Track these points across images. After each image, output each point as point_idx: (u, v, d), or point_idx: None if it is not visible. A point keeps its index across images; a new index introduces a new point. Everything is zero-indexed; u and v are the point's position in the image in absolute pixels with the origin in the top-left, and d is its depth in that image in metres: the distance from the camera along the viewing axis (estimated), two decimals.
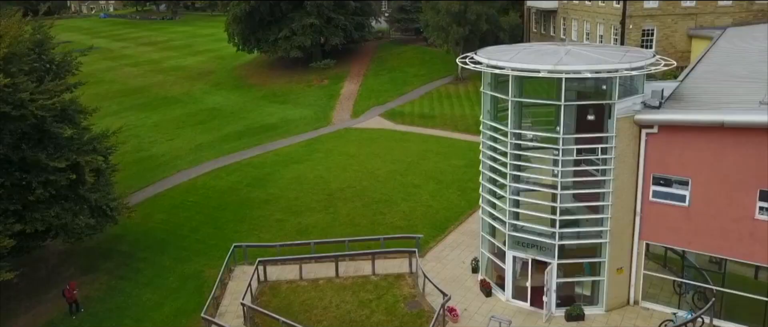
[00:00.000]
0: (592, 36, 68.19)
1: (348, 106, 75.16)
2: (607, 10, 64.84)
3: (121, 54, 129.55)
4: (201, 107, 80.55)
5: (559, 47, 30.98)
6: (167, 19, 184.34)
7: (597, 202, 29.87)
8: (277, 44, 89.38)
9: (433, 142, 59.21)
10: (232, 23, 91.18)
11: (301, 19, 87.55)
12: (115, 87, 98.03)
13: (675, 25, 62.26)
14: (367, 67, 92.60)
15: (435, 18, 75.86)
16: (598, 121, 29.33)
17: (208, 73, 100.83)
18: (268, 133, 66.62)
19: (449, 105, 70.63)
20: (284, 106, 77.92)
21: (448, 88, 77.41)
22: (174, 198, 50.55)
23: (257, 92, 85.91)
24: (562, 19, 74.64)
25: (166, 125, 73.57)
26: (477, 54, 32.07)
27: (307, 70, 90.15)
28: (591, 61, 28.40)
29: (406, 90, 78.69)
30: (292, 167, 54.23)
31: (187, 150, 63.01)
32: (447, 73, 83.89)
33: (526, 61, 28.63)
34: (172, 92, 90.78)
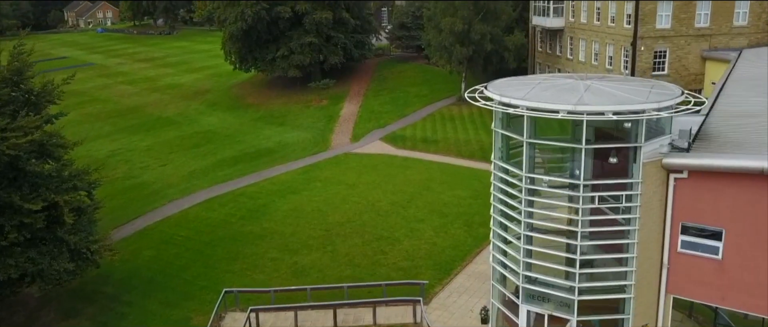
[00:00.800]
0: (601, 57, 65.66)
1: (348, 128, 72.58)
2: (616, 31, 62.32)
3: (116, 71, 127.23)
4: (196, 129, 77.97)
5: (577, 81, 28.35)
6: (165, 34, 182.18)
7: (620, 254, 27.17)
8: (275, 63, 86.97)
9: (436, 169, 56.55)
10: (228, 41, 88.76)
11: (300, 38, 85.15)
12: (108, 106, 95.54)
13: (688, 47, 59.73)
14: (367, 86, 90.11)
15: (437, 38, 73.35)
16: (622, 165, 26.71)
17: (205, 92, 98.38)
18: (264, 158, 64.02)
19: (453, 128, 68.01)
20: (282, 128, 75.38)
21: (451, 109, 74.83)
22: (164, 232, 47.85)
23: (254, 113, 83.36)
24: (569, 38, 72.13)
25: (159, 149, 71.02)
26: (487, 88, 29.47)
27: (306, 90, 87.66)
28: (614, 99, 25.77)
29: (407, 111, 76.10)
30: (289, 198, 51.53)
31: (180, 177, 60.39)
32: (450, 93, 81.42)
33: (543, 99, 26.02)
34: (166, 112, 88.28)
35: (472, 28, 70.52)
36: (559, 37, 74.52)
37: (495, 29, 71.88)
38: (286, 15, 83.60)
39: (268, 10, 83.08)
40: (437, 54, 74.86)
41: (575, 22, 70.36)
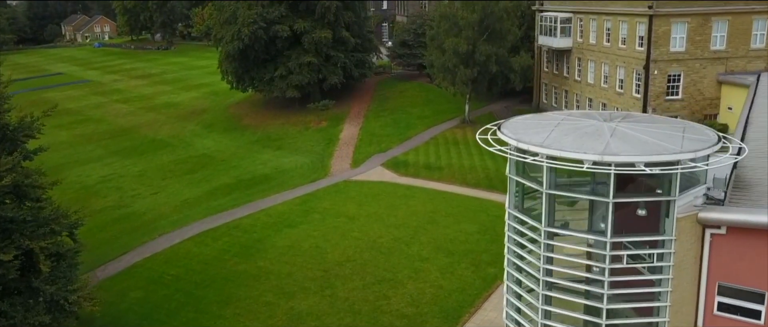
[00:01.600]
0: (611, 79, 63.10)
1: (347, 153, 69.91)
2: (628, 53, 59.81)
3: (112, 88, 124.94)
4: (190, 153, 75.36)
5: (601, 123, 25.70)
6: (162, 49, 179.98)
7: (650, 318, 24.44)
8: (273, 83, 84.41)
9: (440, 199, 53.82)
10: (224, 61, 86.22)
11: (298, 58, 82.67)
12: (102, 127, 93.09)
13: (703, 71, 57.19)
14: (368, 106, 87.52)
15: (440, 58, 70.77)
16: (652, 219, 24.04)
17: (201, 112, 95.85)
18: (260, 186, 61.34)
19: (457, 153, 65.34)
20: (279, 152, 72.73)
21: (455, 132, 72.17)
22: (153, 270, 45.07)
23: (251, 135, 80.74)
24: (577, 59, 69.63)
25: (152, 175, 68.42)
26: (501, 129, 26.81)
27: (305, 111, 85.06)
28: (645, 147, 23.07)
29: (409, 134, 73.45)
30: (286, 233, 48.80)
31: (172, 207, 57.71)
32: (453, 114, 78.85)
33: (565, 146, 23.33)
34: (161, 134, 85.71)
35: (476, 49, 67.98)
36: (566, 57, 72.06)
37: (500, 50, 69.32)
38: (284, 34, 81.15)
39: (266, 30, 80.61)
40: (440, 75, 72.24)
41: (583, 43, 67.90)
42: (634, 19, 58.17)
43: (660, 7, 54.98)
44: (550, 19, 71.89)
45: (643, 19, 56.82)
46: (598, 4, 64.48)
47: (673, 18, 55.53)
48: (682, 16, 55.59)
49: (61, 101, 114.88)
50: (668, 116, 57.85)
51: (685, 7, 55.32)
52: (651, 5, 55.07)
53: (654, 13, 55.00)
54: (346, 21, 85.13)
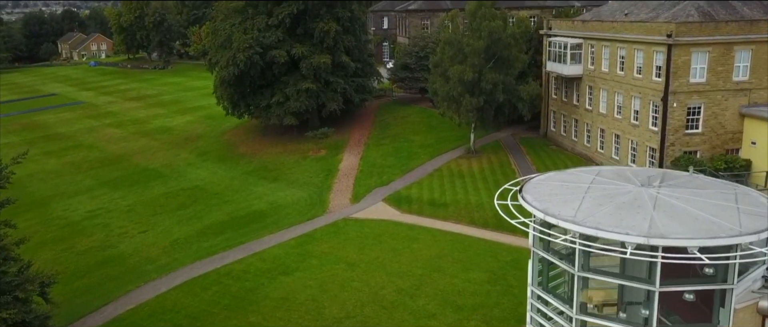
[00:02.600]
0: (626, 110, 59.70)
1: (347, 186, 66.45)
2: (644, 84, 56.44)
3: (105, 111, 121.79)
4: (183, 185, 71.95)
5: (639, 189, 22.27)
6: (159, 68, 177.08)
7: None
8: (270, 110, 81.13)
9: (446, 242, 50.31)
10: (219, 87, 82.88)
11: (296, 84, 79.39)
12: (93, 154, 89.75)
13: (725, 103, 53.79)
14: (369, 133, 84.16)
15: (445, 86, 67.38)
16: (702, 305, 20.59)
17: (196, 138, 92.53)
18: (255, 224, 57.84)
19: (463, 187, 61.85)
20: (275, 184, 69.28)
21: (460, 163, 68.69)
22: (136, 325, 41.45)
23: (247, 165, 77.31)
24: (588, 87, 66.28)
25: (142, 210, 64.95)
26: (522, 195, 23.41)
27: (303, 139, 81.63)
28: (696, 226, 19.60)
29: (412, 165, 69.99)
30: (280, 281, 45.23)
31: (161, 248, 54.19)
32: (457, 143, 75.41)
33: (602, 223, 19.87)
34: (153, 163, 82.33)
35: (482, 77, 64.61)
36: (576, 85, 68.73)
37: (507, 77, 65.96)
38: (281, 59, 77.90)
39: (262, 55, 77.43)
40: (445, 104, 68.80)
41: (595, 70, 64.57)
42: (651, 47, 54.84)
43: (680, 36, 51.63)
44: (559, 44, 68.62)
45: (660, 48, 53.48)
46: (611, 31, 61.20)
47: (693, 47, 52.20)
48: (703, 46, 52.26)
49: (52, 125, 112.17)
50: (688, 151, 54.61)
51: (706, 36, 51.98)
52: (670, 34, 51.74)
53: (673, 42, 51.64)
54: (345, 45, 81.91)
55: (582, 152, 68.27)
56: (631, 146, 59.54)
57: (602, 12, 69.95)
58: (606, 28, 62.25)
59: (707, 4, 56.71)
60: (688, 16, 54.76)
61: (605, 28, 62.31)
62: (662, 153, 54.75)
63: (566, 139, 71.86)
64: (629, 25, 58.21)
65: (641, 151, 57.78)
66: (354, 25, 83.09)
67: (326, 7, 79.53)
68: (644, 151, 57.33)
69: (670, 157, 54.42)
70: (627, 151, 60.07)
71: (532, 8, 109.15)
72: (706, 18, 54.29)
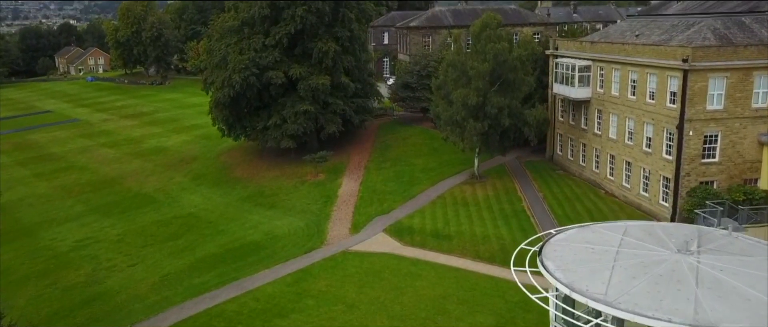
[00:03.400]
0: (638, 137, 57.04)
1: (347, 214, 63.77)
2: (657, 110, 53.80)
3: (100, 129, 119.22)
4: (176, 212, 69.26)
5: (674, 254, 19.56)
6: (156, 84, 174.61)
7: None
8: (267, 133, 78.48)
9: (451, 279, 47.60)
10: (214, 108, 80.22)
11: (294, 105, 76.73)
12: (85, 177, 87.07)
13: (743, 131, 51.16)
14: (369, 156, 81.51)
15: (448, 110, 64.81)
16: None
17: (191, 160, 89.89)
18: (249, 257, 55.07)
19: (467, 217, 59.13)
20: (272, 212, 66.56)
21: (464, 190, 66.01)
22: None
23: (242, 190, 74.60)
24: (597, 111, 63.66)
25: (132, 240, 62.28)
26: (542, 259, 20.72)
27: (301, 162, 78.96)
28: (749, 307, 16.90)
29: (414, 191, 67.31)
30: (275, 325, 42.43)
31: (150, 285, 51.44)
32: (460, 167, 72.81)
33: (637, 302, 17.18)
34: (146, 187, 79.64)
35: (487, 101, 62.01)
36: (584, 108, 66.13)
37: (513, 101, 63.39)
38: (278, 81, 75.29)
39: (259, 76, 74.82)
40: (448, 129, 66.18)
41: (604, 94, 61.98)
42: (665, 72, 52.24)
43: (697, 61, 49.03)
44: (566, 66, 66.03)
45: (675, 73, 50.91)
46: (621, 53, 58.63)
47: (710, 73, 49.62)
48: (721, 71, 49.69)
49: (45, 144, 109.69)
50: (704, 182, 51.91)
51: (724, 61, 49.41)
52: (686, 58, 49.14)
53: (690, 67, 49.05)
54: (345, 65, 79.33)
55: (590, 178, 65.61)
56: (643, 174, 56.86)
57: (611, 33, 67.45)
58: (616, 50, 59.65)
59: (723, 26, 54.24)
60: (705, 39, 52.20)
61: (615, 51, 59.70)
62: (677, 183, 52.07)
63: (573, 163, 69.21)
64: (641, 48, 55.61)
65: (654, 180, 55.09)
66: (353, 45, 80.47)
67: (325, 27, 76.94)
68: (657, 181, 54.65)
69: (686, 187, 51.75)
70: (638, 180, 57.39)
71: (535, 24, 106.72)
72: (723, 41, 51.76)
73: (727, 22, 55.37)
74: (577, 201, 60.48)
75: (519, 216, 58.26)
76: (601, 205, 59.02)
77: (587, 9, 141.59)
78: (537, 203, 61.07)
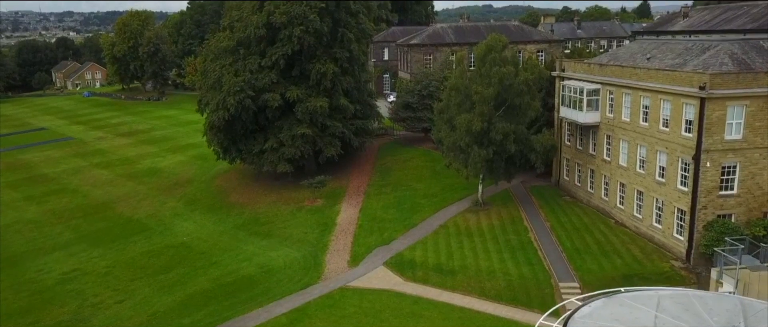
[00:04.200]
0: (650, 166, 54.36)
1: (346, 244, 61.09)
2: (671, 138, 51.15)
3: (94, 149, 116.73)
4: (168, 241, 66.66)
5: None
6: (153, 100, 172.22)
7: None
8: (263, 156, 75.79)
9: (455, 321, 45.02)
10: (209, 131, 77.59)
11: (291, 129, 74.15)
12: (76, 200, 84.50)
13: (763, 162, 48.52)
14: (369, 179, 78.92)
15: (451, 136, 62.21)
16: None
17: (185, 183, 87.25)
18: (243, 294, 52.35)
19: (471, 249, 56.40)
20: (267, 241, 63.86)
21: (467, 218, 63.32)
22: None
23: (237, 217, 71.90)
24: (606, 136, 61.02)
25: (120, 273, 59.63)
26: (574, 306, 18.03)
27: (298, 187, 76.33)
28: None
29: (415, 220, 64.63)
30: None
31: (137, 325, 48.68)
32: (464, 192, 70.17)
33: None
34: (138, 213, 77.02)
35: (492, 127, 59.39)
36: (592, 133, 63.49)
37: (519, 127, 60.80)
38: (275, 104, 72.67)
39: (254, 99, 72.25)
40: (451, 155, 63.58)
41: (614, 119, 59.35)
42: (680, 99, 49.61)
43: (714, 88, 46.41)
44: (574, 89, 63.43)
45: (691, 100, 48.29)
46: (632, 77, 56.03)
47: (729, 101, 46.99)
48: (740, 99, 47.08)
49: (37, 164, 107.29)
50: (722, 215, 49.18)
51: (743, 88, 46.78)
52: (703, 85, 46.52)
53: (707, 95, 46.43)
54: (344, 87, 76.78)
55: (599, 206, 62.92)
56: (655, 205, 54.16)
57: (620, 55, 64.89)
58: (627, 74, 57.05)
59: (741, 50, 51.66)
60: (722, 64, 49.61)
61: (626, 74, 57.10)
62: (693, 216, 49.37)
63: (581, 189, 66.54)
64: (654, 73, 52.98)
65: (668, 211, 52.36)
66: (353, 66, 77.95)
67: (323, 48, 74.45)
68: (672, 213, 51.92)
69: (702, 221, 49.04)
70: (651, 211, 54.68)
71: (539, 42, 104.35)
72: (742, 67, 49.18)
73: (745, 45, 52.76)
74: (586, 232, 57.74)
75: (526, 248, 55.52)
76: (612, 236, 56.28)
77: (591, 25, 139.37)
78: (544, 234, 58.35)
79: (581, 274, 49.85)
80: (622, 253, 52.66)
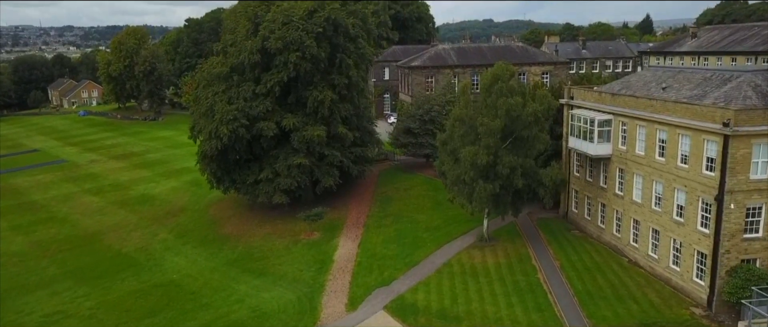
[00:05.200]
0: (666, 203, 51.00)
1: (343, 284, 57.74)
2: (691, 176, 47.85)
3: (86, 172, 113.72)
4: (157, 279, 63.38)
5: None
6: (150, 119, 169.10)
7: None
8: (258, 187, 72.55)
9: None
10: (201, 160, 74.34)
11: (287, 158, 71.01)
12: (64, 231, 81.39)
13: None
14: (368, 209, 75.73)
15: (454, 169, 58.96)
16: None
17: (178, 212, 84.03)
18: None
19: (477, 291, 53.00)
20: (261, 280, 60.51)
21: (473, 256, 60.00)
22: None
23: (230, 251, 68.60)
24: (618, 169, 57.72)
25: (105, 315, 56.43)
26: None
27: (294, 219, 73.08)
28: None
29: (417, 257, 61.31)
30: None
31: None
32: (467, 225, 67.07)
33: None
34: (127, 245, 73.84)
35: (498, 160, 56.12)
36: (603, 165, 60.22)
37: (527, 160, 57.54)
38: (270, 133, 69.48)
39: (248, 127, 69.00)
40: (455, 189, 60.31)
41: (627, 152, 56.07)
42: (701, 135, 46.36)
43: (740, 125, 43.16)
44: (584, 119, 60.18)
45: (714, 137, 45.01)
46: (647, 109, 52.75)
47: (755, 138, 43.72)
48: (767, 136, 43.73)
49: (27, 190, 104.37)
50: (746, 260, 45.81)
51: None
52: (727, 122, 43.26)
53: (732, 132, 43.16)
54: (342, 115, 73.62)
55: (610, 242, 59.61)
56: (673, 245, 50.79)
57: (633, 83, 61.65)
58: (641, 105, 53.77)
59: (765, 81, 48.41)
60: (746, 98, 46.37)
61: (641, 106, 53.82)
62: (715, 261, 45.99)
63: (591, 224, 63.24)
64: (672, 106, 49.70)
65: (687, 254, 48.99)
66: (352, 92, 74.82)
67: (321, 74, 71.32)
68: (691, 255, 48.54)
69: (725, 266, 45.68)
70: (668, 251, 51.29)
71: (544, 64, 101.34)
72: (767, 101, 45.88)
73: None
74: (598, 272, 54.36)
75: (535, 291, 52.11)
76: (626, 278, 52.86)
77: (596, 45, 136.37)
78: (554, 274, 54.97)
79: (595, 321, 46.47)
80: (637, 298, 49.24)
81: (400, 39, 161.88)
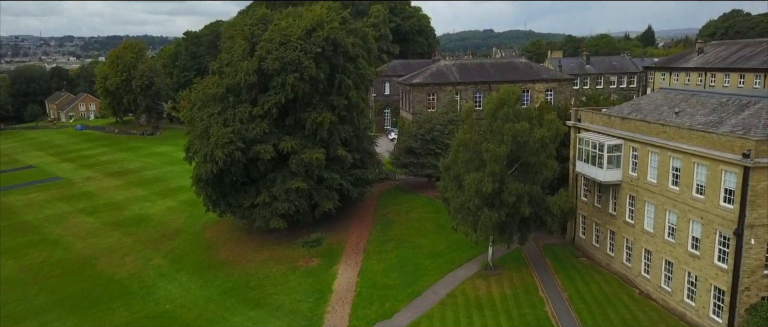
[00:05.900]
0: (681, 235, 48.70)
1: (342, 317, 55.41)
2: (707, 207, 45.57)
3: (81, 191, 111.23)
4: (149, 310, 60.96)
5: None
6: (147, 134, 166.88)
7: None
8: (255, 211, 70.23)
9: None
10: (196, 183, 72.03)
11: (285, 182, 68.70)
12: (55, 255, 78.94)
13: None
14: (368, 234, 73.45)
15: (458, 196, 56.65)
16: None
17: (173, 235, 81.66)
18: None
19: (482, 326, 50.55)
20: (257, 312, 58.12)
21: (477, 286, 57.69)
22: None
23: (226, 279, 66.20)
24: (629, 197, 55.43)
25: None
26: None
27: (292, 244, 70.79)
28: None
29: (420, 287, 59.00)
30: None
31: None
32: (472, 253, 64.92)
33: None
34: (120, 272, 71.44)
35: (504, 187, 53.81)
36: (613, 191, 57.92)
37: (534, 187, 55.24)
38: (267, 156, 67.18)
39: (245, 151, 66.72)
40: (459, 217, 57.97)
41: (639, 179, 53.78)
42: (718, 165, 44.09)
43: (761, 156, 40.90)
44: (592, 144, 57.89)
45: (732, 168, 42.74)
46: (660, 135, 50.46)
47: None
48: None
49: (20, 210, 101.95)
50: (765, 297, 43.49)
51: None
52: (748, 153, 41.00)
53: (753, 164, 40.89)
54: (342, 137, 71.29)
55: (620, 272, 57.30)
56: (687, 279, 48.45)
57: (644, 106, 59.36)
58: (654, 130, 51.51)
59: None
60: (766, 126, 44.07)
61: (653, 131, 51.56)
62: (734, 298, 43.69)
63: (599, 251, 60.95)
64: (687, 133, 47.39)
65: (703, 289, 46.64)
66: (351, 113, 72.53)
67: (319, 95, 69.08)
68: (707, 290, 46.20)
69: (745, 304, 43.40)
70: (682, 285, 48.95)
71: (548, 80, 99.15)
72: None
73: None
74: (608, 305, 52.00)
75: (542, 326, 49.72)
76: (638, 312, 50.50)
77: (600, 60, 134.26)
78: (562, 307, 52.62)
79: None
80: None
81: (400, 52, 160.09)
